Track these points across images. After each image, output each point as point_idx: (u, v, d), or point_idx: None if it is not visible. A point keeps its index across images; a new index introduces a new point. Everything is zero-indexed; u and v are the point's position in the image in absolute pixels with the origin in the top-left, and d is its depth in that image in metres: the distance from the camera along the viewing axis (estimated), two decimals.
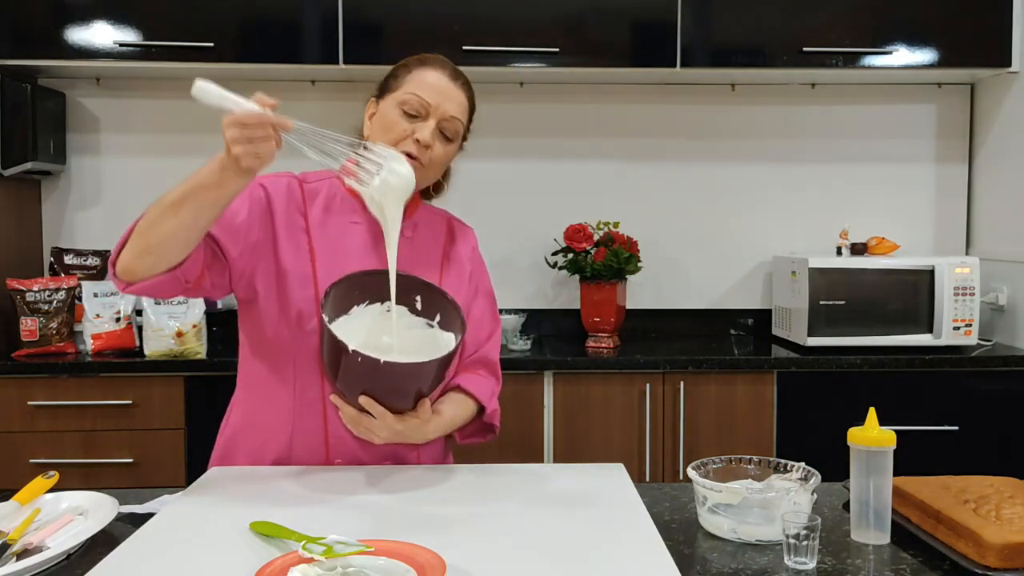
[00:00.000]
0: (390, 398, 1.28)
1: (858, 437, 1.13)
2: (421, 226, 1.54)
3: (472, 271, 1.57)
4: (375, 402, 1.28)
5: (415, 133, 1.41)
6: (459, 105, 1.45)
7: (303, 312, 1.40)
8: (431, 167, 1.45)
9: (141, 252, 1.26)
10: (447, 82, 1.44)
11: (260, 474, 1.40)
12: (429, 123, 1.42)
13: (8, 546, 1.08)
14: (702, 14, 2.76)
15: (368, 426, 1.31)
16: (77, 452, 2.53)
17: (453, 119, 1.44)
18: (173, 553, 1.06)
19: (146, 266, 1.27)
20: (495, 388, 1.54)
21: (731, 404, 2.63)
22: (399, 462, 1.46)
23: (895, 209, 3.19)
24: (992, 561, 1.00)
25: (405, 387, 1.29)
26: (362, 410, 1.29)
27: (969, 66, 2.85)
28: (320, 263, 1.42)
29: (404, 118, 1.42)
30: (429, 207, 1.59)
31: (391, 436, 1.31)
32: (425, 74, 1.44)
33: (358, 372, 1.25)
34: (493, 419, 1.51)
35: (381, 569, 0.96)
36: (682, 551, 1.10)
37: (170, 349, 2.58)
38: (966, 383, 2.65)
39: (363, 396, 1.27)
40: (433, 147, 1.43)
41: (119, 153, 3.06)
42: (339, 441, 1.42)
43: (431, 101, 1.42)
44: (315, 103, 3.06)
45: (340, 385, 1.29)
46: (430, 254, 1.53)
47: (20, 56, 2.70)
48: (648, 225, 3.14)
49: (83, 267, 2.90)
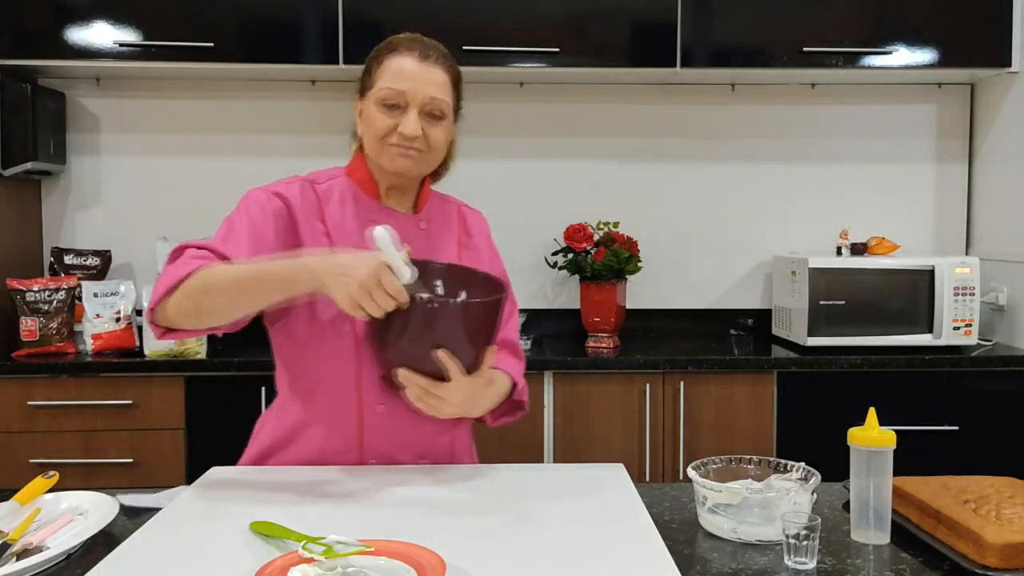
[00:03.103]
0: (459, 350, 1.27)
1: (858, 437, 1.13)
2: (434, 217, 1.54)
3: (488, 256, 1.58)
4: (450, 357, 1.26)
5: (399, 127, 1.39)
6: (437, 84, 1.41)
7: (335, 317, 1.39)
8: (431, 151, 1.44)
9: (188, 314, 1.27)
10: (418, 65, 1.41)
11: (260, 474, 1.40)
12: (410, 114, 1.39)
13: (8, 546, 1.08)
14: (702, 14, 2.76)
15: (440, 393, 1.29)
16: (77, 452, 2.53)
17: (434, 100, 1.40)
18: (173, 553, 1.06)
19: (189, 324, 1.29)
20: (520, 367, 1.55)
21: (731, 404, 2.63)
22: (434, 461, 1.47)
23: (895, 209, 3.19)
24: (992, 561, 1.00)
25: (475, 333, 1.28)
26: (433, 376, 1.28)
27: (969, 66, 2.85)
28: None
29: (385, 113, 1.40)
30: (438, 196, 1.58)
31: (461, 401, 1.30)
32: (394, 62, 1.41)
33: (432, 324, 1.24)
34: (523, 395, 1.51)
35: (381, 569, 0.96)
36: (682, 551, 1.10)
37: (170, 349, 2.58)
38: (966, 383, 2.64)
39: (440, 351, 1.25)
40: (425, 133, 1.40)
41: (119, 153, 3.06)
42: (373, 443, 1.42)
43: (406, 89, 1.39)
44: (315, 103, 3.06)
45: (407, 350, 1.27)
46: (446, 244, 1.52)
47: (20, 56, 2.70)
48: (648, 225, 3.14)
49: (83, 267, 2.90)
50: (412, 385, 1.29)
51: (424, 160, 1.43)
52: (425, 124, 1.41)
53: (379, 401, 1.41)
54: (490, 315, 1.30)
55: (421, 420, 1.39)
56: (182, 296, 1.26)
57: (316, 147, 3.05)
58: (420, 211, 1.52)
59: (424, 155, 1.42)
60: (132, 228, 3.06)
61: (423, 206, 1.52)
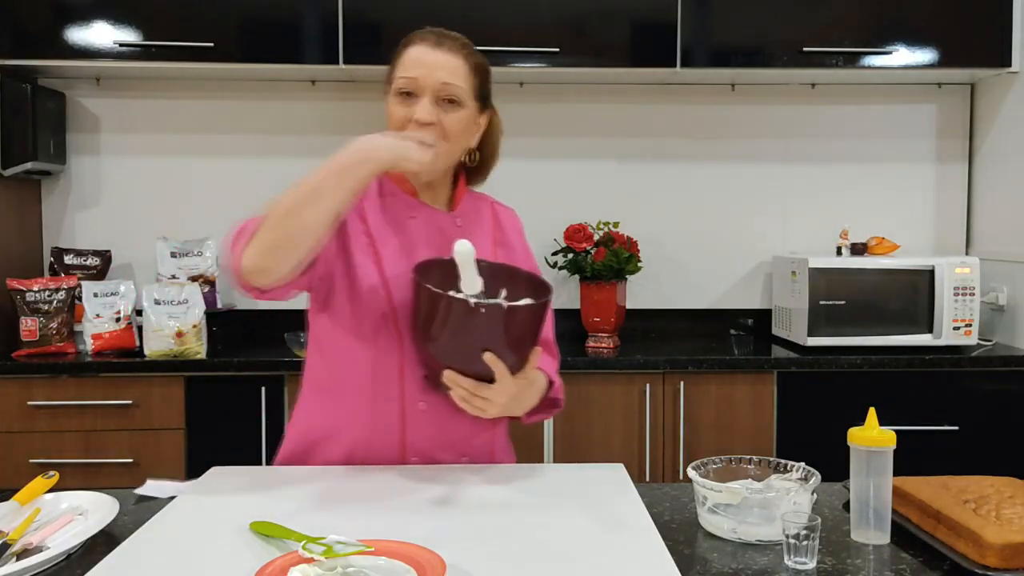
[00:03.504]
0: (506, 352, 1.28)
1: (858, 437, 1.13)
2: (469, 214, 1.54)
3: (522, 254, 1.58)
4: (497, 359, 1.27)
5: (414, 115, 1.39)
6: (449, 70, 1.40)
7: (379, 314, 1.40)
8: (451, 140, 1.42)
9: (277, 246, 1.25)
10: (430, 52, 1.41)
11: (260, 474, 1.40)
12: (423, 100, 1.39)
13: (8, 546, 1.08)
14: (702, 14, 2.76)
15: (486, 395, 1.29)
16: (77, 452, 2.53)
17: (446, 85, 1.39)
18: (173, 553, 1.06)
19: (281, 260, 1.26)
20: (555, 365, 1.56)
21: (731, 404, 2.63)
22: (474, 460, 1.47)
23: (895, 209, 3.19)
24: (992, 561, 1.00)
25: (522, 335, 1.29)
26: (478, 376, 1.28)
27: (969, 66, 2.85)
28: (388, 266, 1.42)
29: (401, 104, 1.41)
30: (471, 194, 1.58)
31: (507, 401, 1.31)
32: (409, 53, 1.43)
33: (480, 327, 1.25)
34: (558, 393, 1.52)
35: (381, 569, 0.96)
36: (682, 551, 1.10)
37: (170, 349, 2.58)
38: (966, 383, 2.65)
39: (487, 353, 1.26)
40: (440, 120, 1.40)
41: (119, 153, 3.06)
42: (416, 441, 1.42)
43: (418, 75, 1.39)
44: (315, 103, 3.06)
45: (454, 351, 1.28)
46: (481, 243, 1.52)
47: (20, 56, 2.70)
48: (648, 225, 3.14)
49: (83, 267, 2.90)
50: (457, 387, 1.30)
51: (443, 150, 1.42)
52: (440, 112, 1.40)
53: (421, 399, 1.41)
54: (537, 318, 1.31)
55: (462, 418, 1.39)
56: (267, 232, 1.26)
57: (316, 147, 3.05)
58: (455, 208, 1.52)
59: (442, 145, 1.41)
60: (132, 228, 3.06)
61: (458, 203, 1.52)
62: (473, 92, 1.45)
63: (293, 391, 2.58)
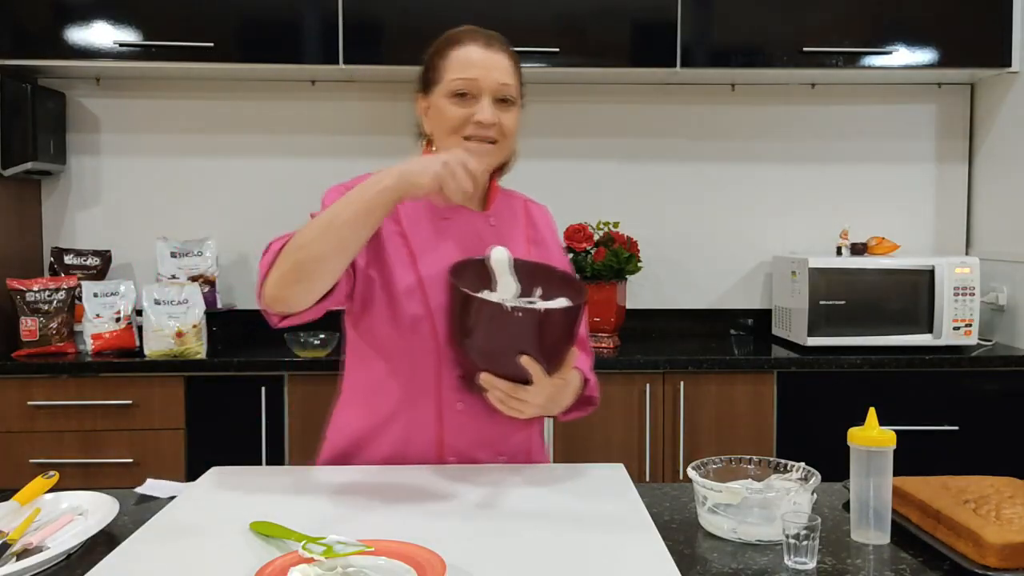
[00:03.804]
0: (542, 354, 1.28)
1: (858, 437, 1.13)
2: (502, 213, 1.54)
3: (556, 252, 1.58)
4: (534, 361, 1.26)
5: (475, 115, 1.40)
6: (504, 70, 1.43)
7: (416, 316, 1.39)
8: (505, 139, 1.44)
9: (292, 279, 1.26)
10: (484, 53, 1.42)
11: (260, 474, 1.40)
12: (484, 101, 1.40)
13: (8, 546, 1.08)
14: (702, 14, 2.76)
15: (522, 396, 1.29)
16: (77, 452, 2.53)
17: (504, 85, 1.41)
18: (173, 553, 1.06)
19: (297, 294, 1.27)
20: (590, 362, 1.55)
21: (731, 404, 2.63)
22: (512, 459, 1.47)
23: (895, 209, 3.19)
24: (992, 561, 1.00)
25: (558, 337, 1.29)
26: (514, 378, 1.28)
27: (969, 66, 2.85)
28: (423, 268, 1.42)
29: (457, 105, 1.41)
30: (503, 191, 1.58)
31: (543, 402, 1.31)
32: (461, 53, 1.43)
33: (517, 330, 1.25)
34: (593, 391, 1.52)
35: (381, 569, 0.96)
36: (682, 551, 1.10)
37: (170, 349, 2.58)
38: (966, 383, 2.65)
39: (524, 356, 1.26)
40: (499, 120, 1.41)
41: (119, 153, 3.06)
42: (454, 441, 1.43)
43: (477, 76, 1.40)
44: (315, 103, 3.06)
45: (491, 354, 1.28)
46: (515, 241, 1.52)
47: (20, 56, 2.70)
48: (648, 225, 3.14)
49: (83, 267, 2.90)
50: (494, 388, 1.30)
51: (499, 150, 1.44)
52: (498, 111, 1.42)
53: (458, 399, 1.41)
54: (573, 320, 1.31)
55: (498, 418, 1.39)
56: (283, 263, 1.26)
57: (316, 147, 3.05)
58: (489, 207, 1.52)
59: (498, 146, 1.43)
60: (132, 228, 3.06)
61: (492, 202, 1.53)
62: (519, 90, 1.47)
63: (293, 391, 2.58)
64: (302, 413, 2.58)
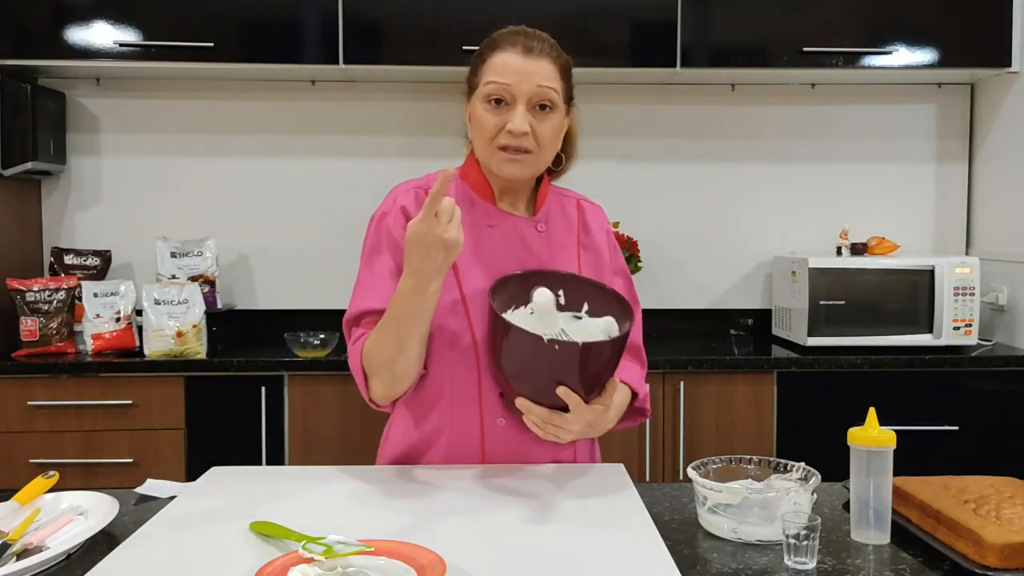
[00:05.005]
0: (580, 385, 1.27)
1: (858, 437, 1.13)
2: (553, 216, 1.51)
3: (609, 255, 1.54)
4: (571, 392, 1.26)
5: (507, 124, 1.37)
6: (543, 74, 1.38)
7: (455, 331, 1.39)
8: (540, 150, 1.40)
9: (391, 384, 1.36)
10: (521, 59, 1.38)
11: (260, 474, 1.40)
12: (518, 109, 1.37)
13: (8, 546, 1.08)
14: (702, 14, 2.76)
15: (559, 423, 1.28)
16: (77, 452, 2.53)
17: (541, 89, 1.37)
18: (173, 553, 1.06)
19: (402, 390, 1.38)
20: (642, 372, 1.53)
21: (731, 404, 2.63)
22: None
23: (895, 209, 3.19)
24: (992, 561, 1.00)
25: (598, 370, 1.28)
26: (554, 407, 1.28)
27: (969, 66, 2.85)
28: (466, 282, 1.40)
29: (492, 112, 1.38)
30: (557, 191, 1.56)
31: (582, 429, 1.30)
32: (498, 58, 1.40)
33: (552, 363, 1.24)
34: (645, 403, 1.50)
35: (381, 569, 0.96)
36: (682, 551, 1.10)
37: (170, 349, 2.58)
38: (966, 383, 2.64)
39: (561, 387, 1.25)
40: (533, 130, 1.38)
41: (119, 153, 3.06)
42: (496, 457, 1.42)
43: (511, 82, 1.36)
44: (315, 103, 3.06)
45: (529, 383, 1.28)
46: (565, 245, 1.50)
47: (20, 56, 2.70)
48: (648, 225, 3.14)
49: (83, 267, 2.90)
50: (530, 413, 1.30)
51: (534, 161, 1.40)
52: (534, 119, 1.38)
53: (500, 414, 1.41)
54: (615, 351, 1.29)
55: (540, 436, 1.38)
56: (381, 378, 1.36)
57: (316, 147, 3.05)
58: (538, 212, 1.49)
59: (533, 155, 1.39)
60: (132, 228, 3.06)
61: (541, 206, 1.50)
62: (563, 95, 1.43)
63: (293, 391, 2.58)
64: (302, 413, 2.58)
